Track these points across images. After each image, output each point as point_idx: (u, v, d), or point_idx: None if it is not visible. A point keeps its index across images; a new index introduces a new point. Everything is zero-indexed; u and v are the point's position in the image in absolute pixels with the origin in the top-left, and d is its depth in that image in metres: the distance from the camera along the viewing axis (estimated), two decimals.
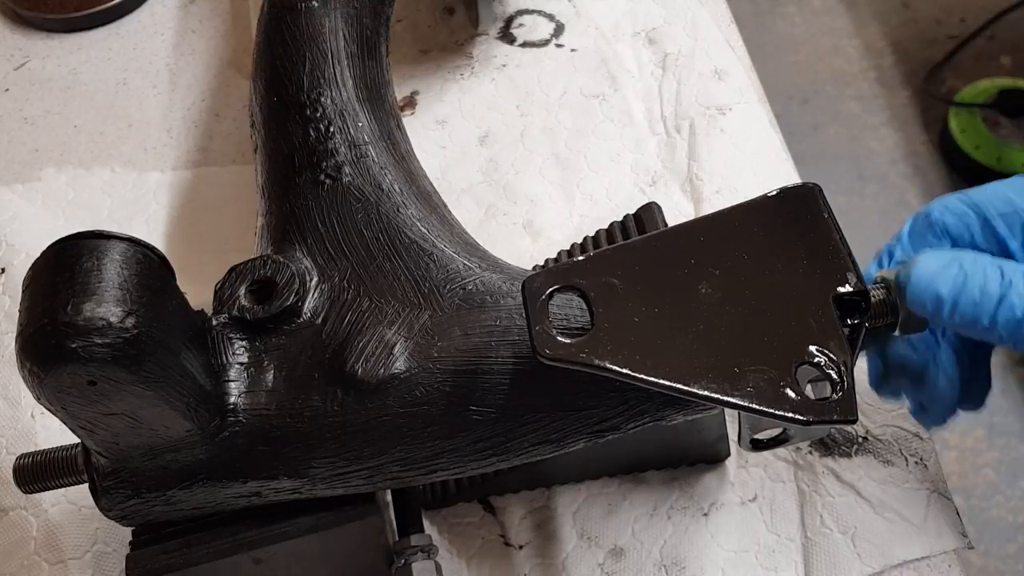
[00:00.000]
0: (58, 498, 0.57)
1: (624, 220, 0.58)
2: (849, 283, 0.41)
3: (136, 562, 0.46)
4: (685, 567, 0.54)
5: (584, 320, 0.41)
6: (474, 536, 0.56)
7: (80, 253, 0.39)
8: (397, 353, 0.45)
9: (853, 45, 2.04)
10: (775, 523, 0.55)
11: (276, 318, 0.46)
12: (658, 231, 0.45)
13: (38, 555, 0.56)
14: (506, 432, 0.44)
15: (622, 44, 0.77)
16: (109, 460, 0.44)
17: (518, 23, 0.80)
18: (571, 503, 0.57)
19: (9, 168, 0.74)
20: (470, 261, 0.49)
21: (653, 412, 0.44)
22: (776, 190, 0.44)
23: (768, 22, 2.07)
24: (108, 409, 0.40)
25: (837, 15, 2.09)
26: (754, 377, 0.39)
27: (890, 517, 0.55)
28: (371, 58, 0.59)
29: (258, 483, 0.45)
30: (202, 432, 0.43)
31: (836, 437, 0.58)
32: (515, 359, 0.44)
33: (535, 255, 0.66)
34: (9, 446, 0.60)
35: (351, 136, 0.54)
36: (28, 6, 0.81)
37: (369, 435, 0.44)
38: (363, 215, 0.50)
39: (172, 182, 0.72)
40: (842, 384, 0.39)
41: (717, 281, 0.41)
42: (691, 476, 0.57)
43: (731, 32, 0.78)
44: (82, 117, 0.76)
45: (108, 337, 0.37)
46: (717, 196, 0.68)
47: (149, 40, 0.81)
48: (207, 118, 0.76)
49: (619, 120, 0.73)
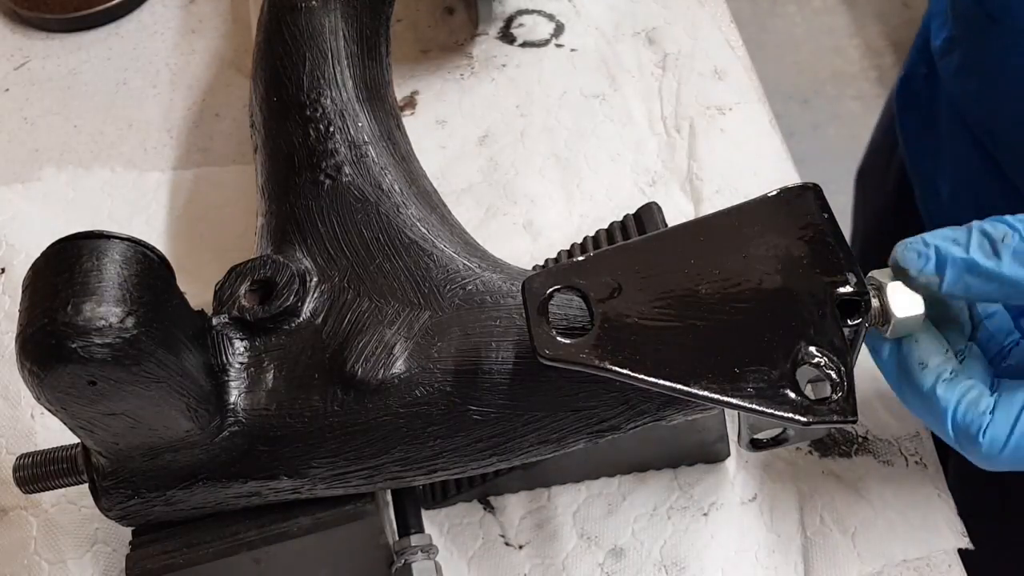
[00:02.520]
0: (58, 498, 0.57)
1: (624, 220, 0.58)
2: (849, 283, 0.41)
3: (136, 562, 0.46)
4: (685, 567, 0.54)
5: (584, 320, 0.41)
6: (474, 536, 0.56)
7: (80, 253, 0.39)
8: (397, 353, 0.45)
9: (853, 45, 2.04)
10: (775, 523, 0.55)
11: (276, 318, 0.46)
12: (658, 231, 0.45)
13: (38, 555, 0.56)
14: (506, 432, 0.44)
15: (622, 44, 0.77)
16: (109, 460, 0.44)
17: (518, 23, 0.80)
18: (571, 503, 0.57)
19: (9, 168, 0.73)
20: (470, 261, 0.49)
21: (653, 412, 0.44)
22: (776, 190, 0.44)
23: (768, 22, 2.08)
24: (108, 409, 0.40)
25: (837, 15, 2.09)
26: (754, 377, 0.39)
27: (890, 517, 0.55)
28: (371, 58, 0.59)
29: (258, 483, 0.45)
30: (202, 432, 0.43)
31: (836, 437, 0.58)
32: (515, 359, 0.44)
33: (535, 255, 0.66)
34: (9, 446, 0.60)
35: (351, 136, 0.54)
36: (28, 6, 0.81)
37: (369, 435, 0.44)
38: (363, 215, 0.50)
39: (172, 182, 0.72)
40: (842, 384, 0.39)
41: (717, 281, 0.41)
42: (691, 476, 0.57)
43: (731, 32, 0.78)
44: (82, 117, 0.76)
45: (108, 337, 0.37)
46: (717, 196, 0.68)
47: (149, 40, 0.81)
48: (207, 118, 0.76)
49: (619, 120, 0.73)
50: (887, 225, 0.89)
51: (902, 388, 0.46)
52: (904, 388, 0.46)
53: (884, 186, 0.88)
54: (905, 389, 0.46)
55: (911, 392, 0.45)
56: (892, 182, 0.85)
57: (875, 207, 0.93)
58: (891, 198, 0.87)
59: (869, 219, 0.95)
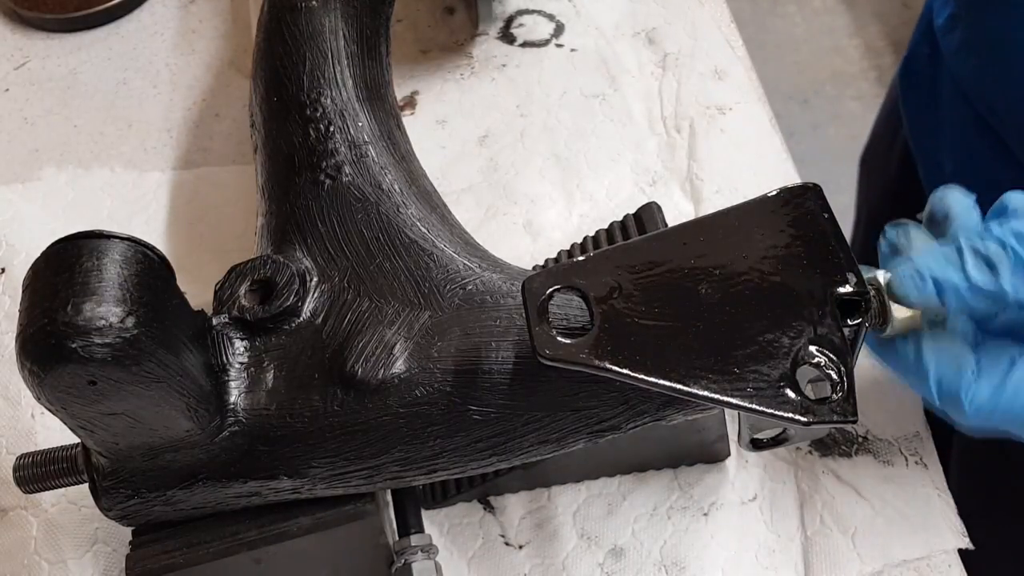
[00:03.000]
0: (58, 498, 0.57)
1: (624, 220, 0.58)
2: (849, 283, 0.41)
3: (136, 562, 0.46)
4: (685, 567, 0.54)
5: (584, 320, 0.41)
6: (474, 536, 0.56)
7: (80, 253, 0.39)
8: (397, 353, 0.45)
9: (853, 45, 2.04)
10: (775, 523, 0.55)
11: (276, 318, 0.46)
12: (658, 231, 0.45)
13: (38, 555, 0.56)
14: (506, 432, 0.44)
15: (622, 44, 0.77)
16: (109, 460, 0.44)
17: (518, 23, 0.80)
18: (571, 503, 0.57)
19: (9, 168, 0.74)
20: (470, 261, 0.49)
21: (653, 412, 0.44)
22: (776, 190, 0.44)
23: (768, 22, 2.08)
24: (108, 409, 0.40)
25: (837, 15, 2.09)
26: (754, 377, 0.39)
27: (890, 516, 0.55)
28: (371, 58, 0.59)
29: (258, 483, 0.45)
30: (202, 432, 0.43)
31: (836, 437, 0.58)
32: (515, 359, 0.44)
33: (535, 255, 0.66)
34: (9, 446, 0.60)
35: (351, 136, 0.54)
36: (28, 6, 0.81)
37: (369, 435, 0.44)
38: (363, 215, 0.50)
39: (172, 182, 0.72)
40: (842, 384, 0.39)
41: (717, 281, 0.41)
42: (691, 476, 0.57)
43: (731, 32, 0.78)
44: (82, 117, 0.76)
45: (108, 337, 0.37)
46: (717, 196, 0.68)
47: (149, 40, 0.81)
48: (207, 118, 0.76)
49: (619, 120, 0.73)
50: (890, 207, 0.90)
51: (882, 351, 0.46)
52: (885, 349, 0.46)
53: (887, 168, 0.89)
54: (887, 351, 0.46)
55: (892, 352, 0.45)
56: (895, 163, 0.86)
57: (879, 189, 0.94)
58: (894, 179, 0.88)
59: (872, 202, 0.95)
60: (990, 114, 0.67)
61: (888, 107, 0.90)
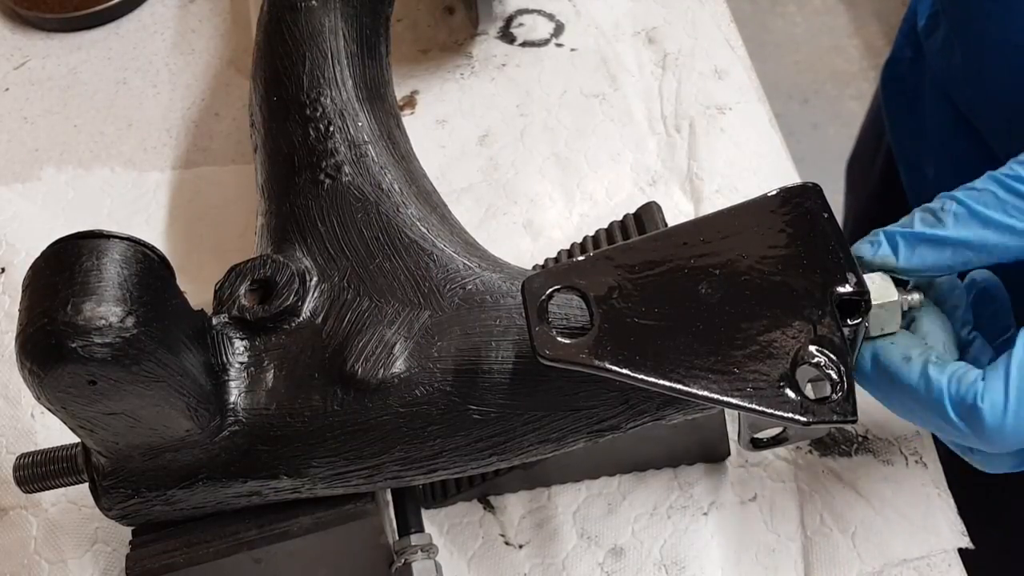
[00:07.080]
0: (58, 498, 0.57)
1: (624, 220, 0.58)
2: (849, 283, 0.41)
3: (136, 562, 0.46)
4: (685, 567, 0.54)
5: (584, 320, 0.41)
6: (474, 536, 0.56)
7: (80, 253, 0.39)
8: (397, 353, 0.45)
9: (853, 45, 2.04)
10: (775, 523, 0.55)
11: (276, 318, 0.46)
12: (658, 231, 0.45)
13: (38, 555, 0.56)
14: (506, 432, 0.44)
15: (622, 44, 0.77)
16: (109, 460, 0.44)
17: (518, 23, 0.80)
18: (571, 503, 0.57)
19: (9, 168, 0.74)
20: (470, 261, 0.49)
21: (653, 412, 0.44)
22: (776, 190, 0.44)
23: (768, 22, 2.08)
24: (108, 409, 0.40)
25: (837, 15, 2.09)
26: (754, 377, 0.39)
27: (890, 516, 0.55)
28: (371, 58, 0.59)
29: (258, 483, 0.45)
30: (202, 432, 0.43)
31: (836, 437, 0.58)
32: (515, 359, 0.44)
33: (535, 255, 0.66)
34: (9, 446, 0.60)
35: (351, 136, 0.54)
36: (28, 6, 0.81)
37: (369, 435, 0.44)
38: (363, 215, 0.50)
39: (172, 182, 0.72)
40: (842, 384, 0.39)
41: (717, 281, 0.41)
42: (691, 476, 0.57)
43: (731, 32, 0.78)
44: (82, 117, 0.76)
45: (108, 337, 0.37)
46: (717, 196, 0.68)
47: (149, 40, 0.81)
48: (207, 118, 0.76)
49: (619, 120, 0.73)
50: (875, 212, 0.90)
51: (891, 392, 0.45)
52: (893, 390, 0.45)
53: (871, 173, 0.89)
54: (894, 390, 0.45)
55: (902, 390, 0.45)
56: (879, 169, 0.87)
57: (863, 194, 0.94)
58: (878, 184, 0.88)
59: (857, 207, 0.96)
60: (972, 113, 0.68)
61: (873, 112, 0.91)
